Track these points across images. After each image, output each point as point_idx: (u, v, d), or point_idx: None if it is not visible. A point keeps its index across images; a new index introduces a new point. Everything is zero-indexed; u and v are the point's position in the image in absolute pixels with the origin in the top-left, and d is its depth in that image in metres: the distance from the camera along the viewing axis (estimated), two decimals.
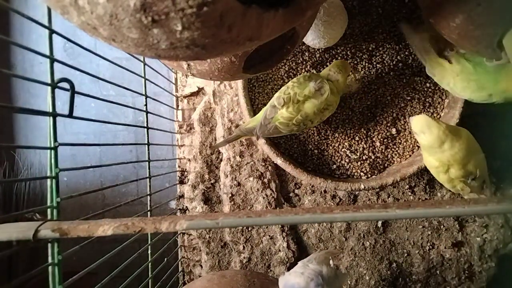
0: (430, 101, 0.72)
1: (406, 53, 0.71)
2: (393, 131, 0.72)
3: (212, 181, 0.80)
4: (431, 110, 0.72)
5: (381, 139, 0.72)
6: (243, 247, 0.78)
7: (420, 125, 0.55)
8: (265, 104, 0.72)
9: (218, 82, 0.79)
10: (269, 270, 0.79)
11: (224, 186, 0.78)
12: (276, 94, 0.64)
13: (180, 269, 0.83)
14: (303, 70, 0.72)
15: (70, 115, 0.44)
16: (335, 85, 0.62)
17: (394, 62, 0.71)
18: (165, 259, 0.72)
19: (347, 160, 0.72)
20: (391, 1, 0.69)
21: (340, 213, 0.38)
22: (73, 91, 0.43)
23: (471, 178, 0.56)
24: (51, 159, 0.43)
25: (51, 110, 0.43)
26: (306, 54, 0.71)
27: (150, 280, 0.65)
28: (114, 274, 0.51)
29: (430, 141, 0.55)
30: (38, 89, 1.11)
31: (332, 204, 0.77)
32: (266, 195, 0.76)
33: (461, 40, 0.51)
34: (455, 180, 0.58)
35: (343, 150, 0.72)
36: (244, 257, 0.78)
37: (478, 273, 0.77)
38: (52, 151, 0.43)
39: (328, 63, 0.71)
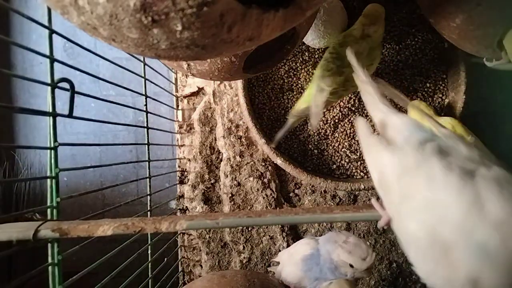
0: (430, 101, 0.72)
1: (406, 53, 0.71)
2: None
3: (212, 181, 0.80)
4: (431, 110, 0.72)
5: None
6: (243, 247, 0.78)
7: (412, 103, 0.63)
8: (265, 104, 0.73)
9: (218, 82, 0.79)
10: (268, 271, 0.79)
11: (224, 186, 0.78)
12: (318, 74, 0.58)
13: (180, 269, 0.83)
14: (303, 70, 0.72)
15: (70, 115, 0.44)
16: (374, 38, 0.57)
17: (394, 62, 0.71)
18: (165, 259, 0.72)
19: (347, 160, 0.72)
20: (391, 1, 0.69)
21: (340, 213, 0.38)
22: (73, 91, 0.43)
23: None
24: (51, 159, 0.43)
25: (51, 110, 0.43)
26: (306, 54, 0.71)
27: (150, 280, 0.65)
28: (114, 274, 0.51)
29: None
30: (38, 89, 1.11)
31: (332, 204, 0.77)
32: (266, 195, 0.76)
33: (461, 40, 0.51)
34: None
35: (343, 150, 0.72)
36: (244, 257, 0.78)
37: None
38: (52, 151, 0.43)
39: None
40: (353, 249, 0.51)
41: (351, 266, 0.51)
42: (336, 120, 0.72)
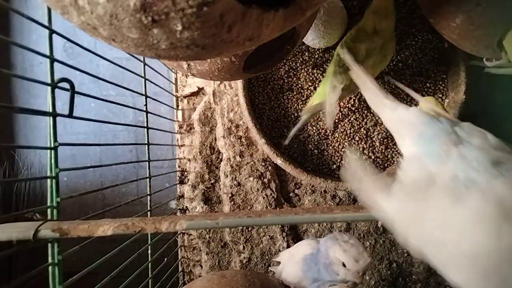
0: None
1: (406, 53, 0.71)
2: None
3: (212, 181, 0.80)
4: None
5: (381, 139, 0.72)
6: (243, 247, 0.78)
7: (430, 104, 0.58)
8: (265, 104, 0.73)
9: (218, 82, 0.79)
10: (268, 270, 0.79)
11: (224, 186, 0.78)
12: (331, 70, 0.57)
13: (180, 269, 0.83)
14: (303, 70, 0.72)
15: (70, 115, 0.44)
16: (387, 32, 0.56)
17: (394, 62, 0.71)
18: (165, 259, 0.72)
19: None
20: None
21: (340, 213, 0.38)
22: (73, 91, 0.43)
23: None
24: (51, 159, 0.43)
25: (51, 110, 0.43)
26: (306, 54, 0.71)
27: (150, 280, 0.65)
28: (114, 274, 0.51)
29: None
30: (38, 89, 1.11)
31: (332, 204, 0.77)
32: (266, 195, 0.76)
33: (461, 40, 0.51)
34: None
35: (343, 150, 0.72)
36: (244, 257, 0.78)
37: None
38: (52, 151, 0.43)
39: (328, 63, 0.71)
40: (349, 248, 0.52)
41: (344, 265, 0.51)
42: (336, 120, 0.72)
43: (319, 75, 0.71)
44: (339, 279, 0.52)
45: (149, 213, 0.69)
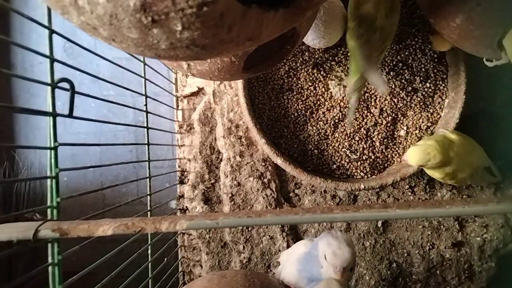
0: (430, 101, 0.72)
1: (406, 53, 0.71)
2: (393, 131, 0.72)
3: (212, 181, 0.80)
4: (431, 110, 0.72)
5: (381, 139, 0.72)
6: (243, 247, 0.78)
7: (420, 157, 0.58)
8: (265, 104, 0.73)
9: (218, 82, 0.79)
10: (269, 270, 0.79)
11: (224, 186, 0.78)
12: (353, 44, 0.56)
13: (180, 269, 0.83)
14: (303, 70, 0.72)
15: (70, 115, 0.44)
16: None
17: (394, 62, 0.71)
18: (165, 259, 0.72)
19: (347, 160, 0.72)
20: None
21: (340, 213, 0.38)
22: (73, 91, 0.43)
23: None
24: (51, 159, 0.43)
25: (51, 110, 0.43)
26: (306, 54, 0.71)
27: (150, 280, 0.65)
28: (114, 274, 0.51)
29: (439, 162, 0.57)
30: (38, 89, 1.11)
31: (332, 204, 0.77)
32: (266, 195, 0.76)
33: (461, 40, 0.51)
34: (463, 181, 0.62)
35: (343, 150, 0.72)
36: (244, 257, 0.78)
37: (478, 273, 0.77)
38: (52, 151, 0.43)
39: (328, 63, 0.71)
40: (333, 242, 0.51)
41: (325, 258, 0.51)
42: (336, 120, 0.72)
43: (319, 75, 0.71)
44: (323, 272, 0.51)
45: (149, 213, 0.69)
